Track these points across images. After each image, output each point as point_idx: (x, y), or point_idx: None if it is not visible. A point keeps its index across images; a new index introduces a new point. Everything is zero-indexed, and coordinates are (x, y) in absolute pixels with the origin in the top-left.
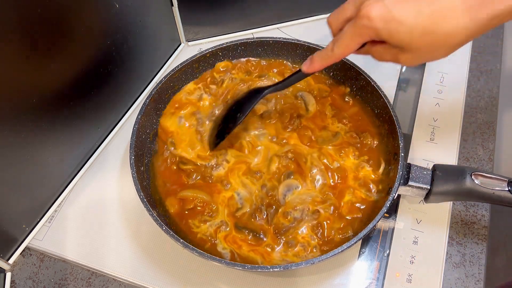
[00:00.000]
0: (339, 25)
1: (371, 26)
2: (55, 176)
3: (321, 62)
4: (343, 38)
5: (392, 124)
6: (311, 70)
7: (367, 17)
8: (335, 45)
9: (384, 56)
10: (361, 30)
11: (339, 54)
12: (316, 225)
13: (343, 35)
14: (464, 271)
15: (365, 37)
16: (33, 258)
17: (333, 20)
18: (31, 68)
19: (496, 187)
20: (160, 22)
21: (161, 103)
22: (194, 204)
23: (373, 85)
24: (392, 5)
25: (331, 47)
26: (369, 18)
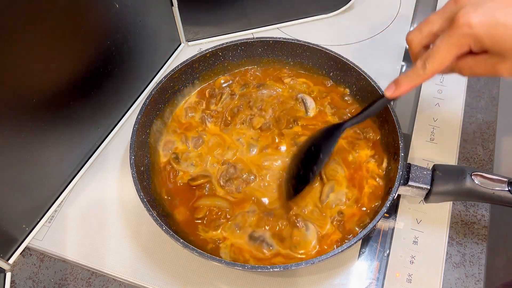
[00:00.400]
0: (423, 41)
1: (473, 33)
2: (55, 176)
3: (409, 84)
4: (437, 52)
5: (392, 124)
6: (397, 95)
7: (467, 25)
8: (427, 61)
9: (476, 69)
10: (460, 40)
11: (432, 72)
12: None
13: (436, 49)
14: (464, 271)
15: (464, 48)
16: (33, 258)
17: (415, 36)
18: (31, 68)
19: (496, 187)
20: (160, 22)
21: (161, 103)
22: (207, 212)
23: (373, 85)
24: (495, 10)
25: (422, 65)
26: (469, 25)
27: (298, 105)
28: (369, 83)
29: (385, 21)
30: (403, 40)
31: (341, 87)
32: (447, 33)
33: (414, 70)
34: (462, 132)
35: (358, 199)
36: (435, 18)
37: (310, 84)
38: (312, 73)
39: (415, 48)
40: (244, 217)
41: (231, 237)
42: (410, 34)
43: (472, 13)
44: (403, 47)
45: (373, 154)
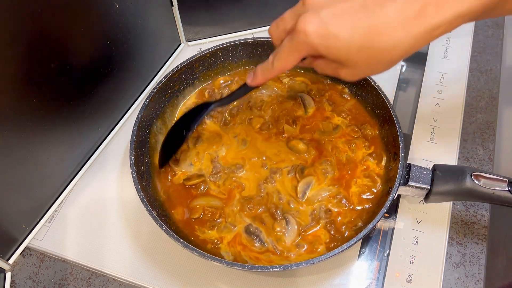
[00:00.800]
0: (279, 36)
1: (308, 41)
2: (55, 176)
3: (263, 76)
4: (281, 53)
5: (392, 124)
6: (254, 84)
7: (304, 33)
8: (275, 59)
9: (325, 70)
10: (298, 45)
11: (278, 69)
12: (329, 222)
13: (281, 50)
14: (464, 271)
15: (303, 52)
16: (33, 258)
17: (273, 30)
18: (31, 68)
19: (496, 187)
20: (160, 22)
21: (161, 103)
22: (202, 212)
23: (373, 85)
24: (329, 19)
25: (271, 60)
26: (305, 34)
27: (298, 105)
28: (368, 83)
29: None
30: None
31: (339, 85)
32: (289, 36)
33: (266, 63)
34: (462, 132)
35: (347, 198)
36: (287, 16)
37: (308, 82)
38: (312, 72)
39: (275, 41)
40: (234, 212)
41: (228, 236)
42: (270, 28)
43: (309, 21)
44: None
45: (371, 152)
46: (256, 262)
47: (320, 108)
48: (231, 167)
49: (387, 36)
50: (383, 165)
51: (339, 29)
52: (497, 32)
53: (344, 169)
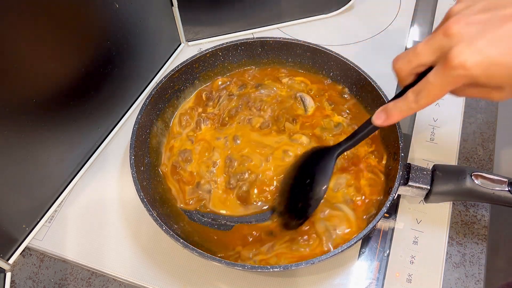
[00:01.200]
0: (412, 71)
1: (468, 75)
2: (55, 176)
3: (400, 115)
4: (430, 89)
5: (392, 125)
6: (387, 124)
7: (463, 67)
8: (420, 96)
9: (470, 94)
10: (454, 79)
11: (425, 105)
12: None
13: (430, 86)
14: (464, 271)
15: (458, 85)
16: (33, 258)
17: (403, 66)
18: (31, 68)
19: (496, 187)
20: (160, 22)
21: (161, 103)
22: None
23: (373, 85)
24: (488, 49)
25: (414, 98)
26: (465, 68)
27: (297, 104)
28: (369, 83)
29: (385, 21)
30: (403, 40)
31: (339, 85)
32: (440, 71)
33: (405, 102)
34: (462, 132)
35: (359, 188)
36: (424, 49)
37: (307, 82)
38: (312, 73)
39: (405, 77)
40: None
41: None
42: (398, 63)
43: (466, 54)
44: (403, 47)
45: (373, 150)
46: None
47: (320, 107)
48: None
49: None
50: (383, 164)
51: (503, 57)
52: None
53: (348, 162)
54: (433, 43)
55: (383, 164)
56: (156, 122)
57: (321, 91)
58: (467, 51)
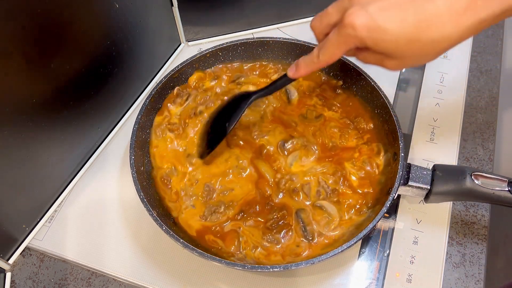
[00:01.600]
0: (323, 30)
1: (356, 35)
2: (55, 176)
3: (306, 68)
4: (328, 46)
5: (392, 124)
6: (296, 76)
7: (352, 26)
8: (321, 52)
9: (369, 60)
10: (346, 38)
11: (324, 61)
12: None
13: (328, 43)
14: (464, 271)
15: (350, 45)
16: (33, 258)
17: (316, 24)
18: (31, 68)
19: (496, 187)
20: (160, 22)
21: (161, 103)
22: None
23: (373, 85)
24: (377, 14)
25: (317, 53)
26: (353, 27)
27: (281, 94)
28: (368, 83)
29: None
30: None
31: (333, 80)
32: (336, 30)
33: (310, 57)
34: (462, 132)
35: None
36: (331, 10)
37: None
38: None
39: (318, 35)
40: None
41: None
42: (313, 22)
43: (357, 15)
44: None
45: (364, 142)
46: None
47: (306, 101)
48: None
49: (436, 29)
50: (381, 159)
51: (388, 23)
52: (497, 32)
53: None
54: (339, 4)
55: (381, 159)
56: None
57: (311, 88)
58: (358, 12)
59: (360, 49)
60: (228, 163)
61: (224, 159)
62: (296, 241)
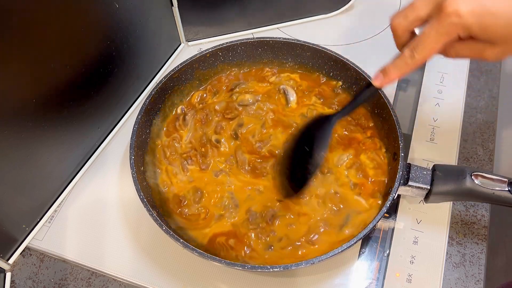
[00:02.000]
0: (408, 27)
1: (462, 23)
2: (55, 176)
3: (398, 73)
4: (426, 41)
5: (392, 124)
6: (385, 84)
7: (456, 14)
8: (416, 50)
9: (462, 53)
10: (449, 29)
11: (421, 60)
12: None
13: (424, 38)
14: (464, 271)
15: (453, 36)
16: (33, 258)
17: (400, 21)
18: (31, 68)
19: (496, 187)
20: (160, 22)
21: (161, 103)
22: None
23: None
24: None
25: (410, 53)
26: (458, 15)
27: (280, 97)
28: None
29: (385, 21)
30: None
31: (333, 81)
32: (435, 21)
33: (402, 59)
34: (462, 132)
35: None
36: (421, 3)
37: (297, 79)
38: (311, 73)
39: (402, 35)
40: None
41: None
42: (395, 20)
43: (461, 1)
44: None
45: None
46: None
47: (305, 101)
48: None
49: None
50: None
51: (497, 5)
52: None
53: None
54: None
55: (383, 153)
56: (156, 122)
57: (310, 88)
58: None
59: (458, 41)
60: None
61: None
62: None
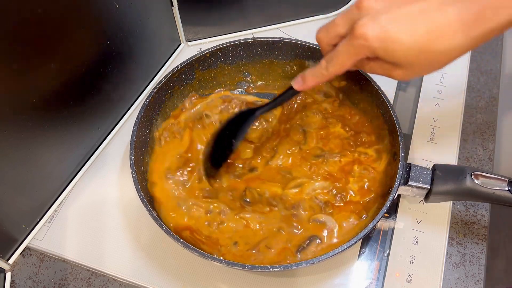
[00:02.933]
0: (330, 41)
1: (368, 45)
2: (55, 176)
3: (314, 80)
4: (338, 57)
5: (392, 124)
6: (303, 88)
7: (364, 37)
8: (330, 64)
9: (376, 70)
10: (357, 49)
11: (333, 73)
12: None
13: (338, 54)
14: (464, 271)
15: (361, 56)
16: (33, 258)
17: (323, 36)
18: (31, 68)
19: (496, 187)
20: (160, 22)
21: (161, 103)
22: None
23: (373, 85)
24: (388, 24)
25: (325, 65)
26: (365, 38)
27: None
28: (369, 83)
29: None
30: None
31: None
32: (346, 41)
33: (318, 69)
34: (462, 132)
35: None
36: (339, 21)
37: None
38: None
39: (324, 47)
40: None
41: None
42: (319, 33)
43: (368, 26)
44: None
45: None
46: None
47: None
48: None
49: (447, 39)
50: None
51: (400, 34)
52: None
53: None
54: (347, 15)
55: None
56: (156, 122)
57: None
58: (370, 23)
59: (368, 59)
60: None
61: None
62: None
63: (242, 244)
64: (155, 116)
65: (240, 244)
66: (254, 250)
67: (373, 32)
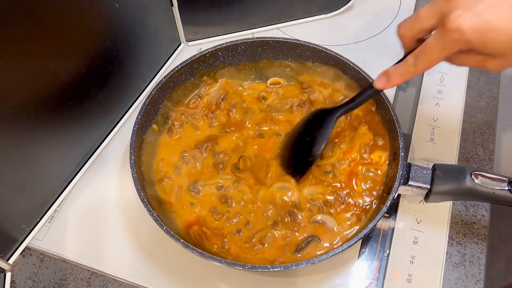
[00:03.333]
0: (414, 36)
1: (464, 39)
2: (55, 176)
3: (400, 78)
4: (428, 53)
5: (392, 124)
6: (387, 87)
7: (459, 31)
8: (418, 60)
9: (466, 62)
10: (451, 43)
11: (422, 69)
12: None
13: (428, 50)
14: (464, 271)
15: (454, 50)
16: (33, 258)
17: (406, 31)
18: (31, 68)
19: (496, 186)
20: (160, 22)
21: (161, 103)
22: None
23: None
24: (485, 13)
25: (413, 62)
26: (461, 32)
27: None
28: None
29: (385, 21)
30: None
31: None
32: (438, 35)
33: (405, 66)
34: (462, 132)
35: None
36: (425, 14)
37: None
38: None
39: (407, 43)
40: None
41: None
42: (402, 29)
43: (463, 17)
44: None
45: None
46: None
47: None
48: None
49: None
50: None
51: (498, 22)
52: None
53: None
54: (434, 8)
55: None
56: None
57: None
58: (464, 15)
59: (460, 52)
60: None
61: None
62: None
63: (245, 231)
64: (155, 116)
65: (244, 231)
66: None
67: (469, 24)
